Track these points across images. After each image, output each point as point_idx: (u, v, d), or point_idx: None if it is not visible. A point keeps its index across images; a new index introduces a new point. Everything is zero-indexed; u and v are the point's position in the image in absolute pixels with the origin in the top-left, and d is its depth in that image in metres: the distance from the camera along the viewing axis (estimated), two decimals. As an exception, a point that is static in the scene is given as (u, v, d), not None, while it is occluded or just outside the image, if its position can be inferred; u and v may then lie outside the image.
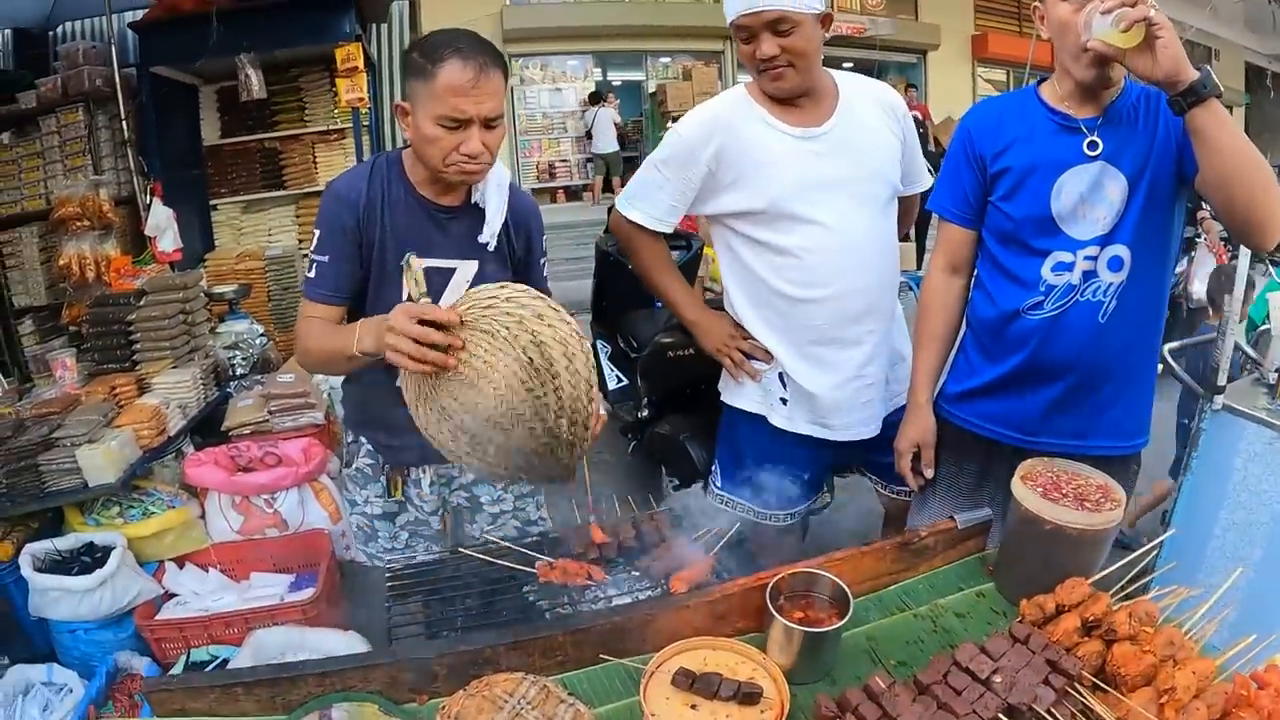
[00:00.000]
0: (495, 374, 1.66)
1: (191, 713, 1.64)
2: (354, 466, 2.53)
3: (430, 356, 1.67)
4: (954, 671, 1.55)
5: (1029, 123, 2.17)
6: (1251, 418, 2.80)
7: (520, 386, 1.66)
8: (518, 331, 1.67)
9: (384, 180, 2.15)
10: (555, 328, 1.70)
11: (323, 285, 2.13)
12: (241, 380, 4.73)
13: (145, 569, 3.62)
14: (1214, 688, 1.49)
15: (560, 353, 1.69)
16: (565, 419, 1.72)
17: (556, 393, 1.69)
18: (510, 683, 1.59)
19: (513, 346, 1.66)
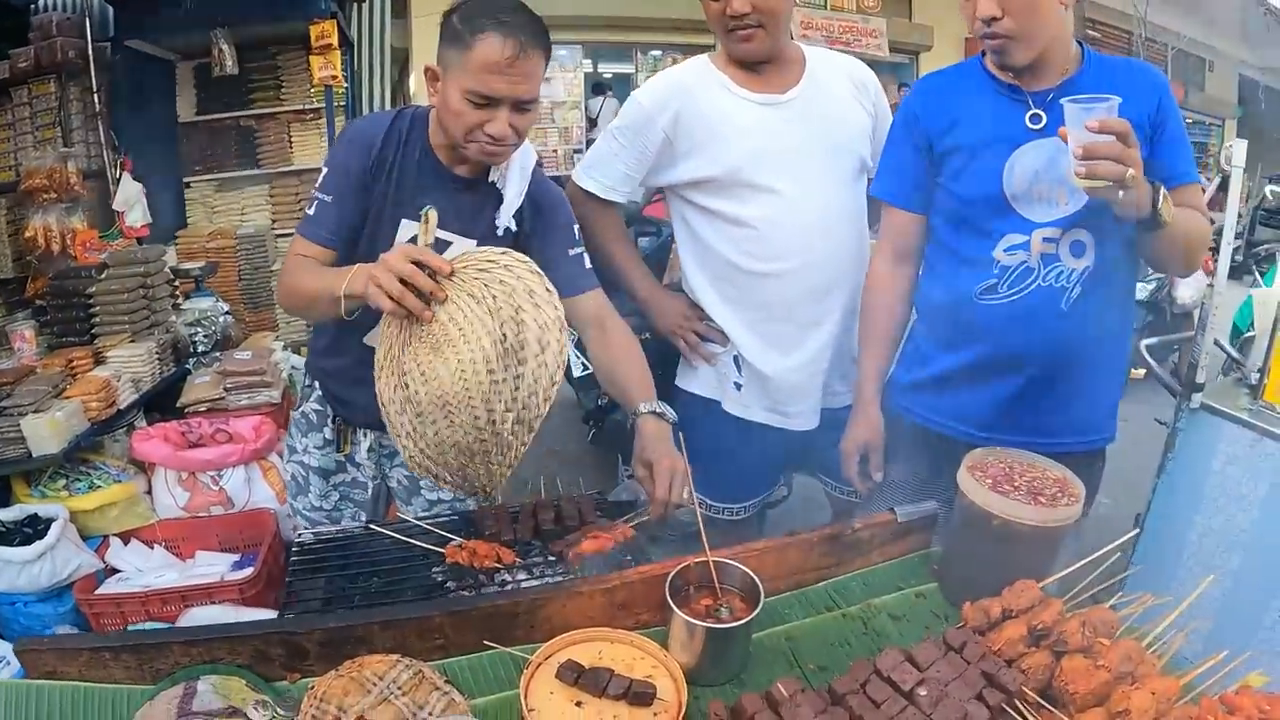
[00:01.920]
0: (464, 344, 1.60)
1: (62, 675, 1.57)
2: (301, 410, 2.46)
3: (409, 300, 1.61)
4: (874, 681, 1.42)
5: (975, 97, 2.07)
6: (1232, 418, 2.68)
7: (483, 365, 1.59)
8: (503, 303, 1.61)
9: (403, 133, 2.05)
10: (541, 309, 1.63)
11: (319, 225, 2.02)
12: (201, 357, 4.72)
13: (90, 543, 3.59)
14: (1177, 710, 1.35)
15: (535, 338, 1.62)
16: (514, 414, 1.66)
17: (516, 381, 1.63)
18: (383, 665, 1.48)
19: (492, 318, 1.60)
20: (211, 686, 1.49)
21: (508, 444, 1.69)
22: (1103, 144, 1.67)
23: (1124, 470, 3.04)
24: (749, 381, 2.46)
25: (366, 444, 2.41)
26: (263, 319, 6.07)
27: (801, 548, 1.82)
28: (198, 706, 1.45)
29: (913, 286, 2.33)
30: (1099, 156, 1.67)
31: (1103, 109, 1.69)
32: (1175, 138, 1.97)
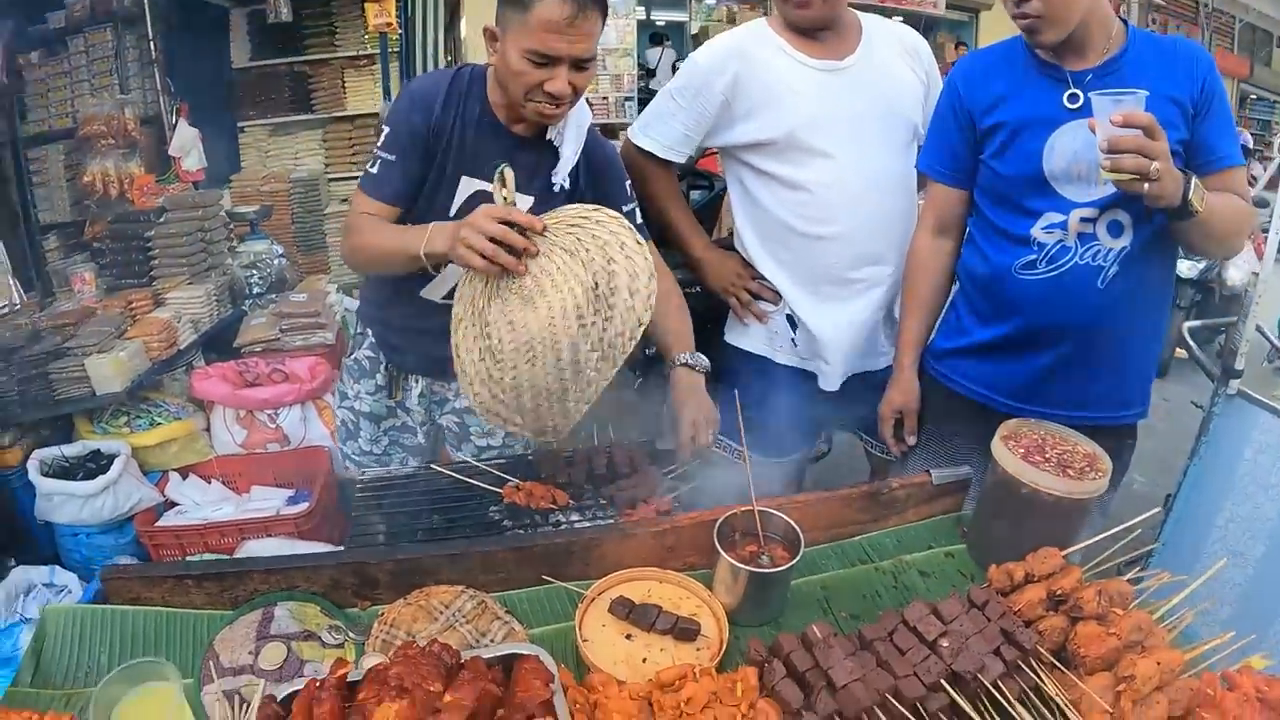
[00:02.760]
0: (556, 293, 1.65)
1: (145, 601, 1.67)
2: (353, 357, 2.54)
3: (502, 258, 1.67)
4: (900, 630, 1.50)
5: (1017, 75, 2.09)
6: (1267, 407, 2.69)
7: (573, 311, 1.65)
8: (596, 254, 1.66)
9: (463, 93, 2.10)
10: (633, 260, 1.68)
11: (384, 184, 2.09)
12: (257, 299, 4.81)
13: (150, 478, 3.72)
14: (1179, 683, 1.40)
15: (626, 285, 1.67)
16: (598, 353, 1.71)
17: (605, 324, 1.68)
18: (448, 595, 1.59)
19: (585, 269, 1.65)
20: (288, 612, 1.61)
21: (589, 380, 1.74)
22: (1127, 138, 1.70)
23: (1161, 450, 3.07)
24: (801, 339, 2.53)
25: (418, 390, 2.49)
26: (316, 262, 6.19)
27: (840, 502, 1.91)
28: (275, 630, 1.57)
29: (954, 258, 2.37)
30: (1124, 150, 1.71)
31: (1130, 102, 1.72)
32: (1219, 119, 1.98)
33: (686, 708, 1.30)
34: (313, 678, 1.30)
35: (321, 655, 1.53)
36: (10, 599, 3.23)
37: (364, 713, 1.18)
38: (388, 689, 1.19)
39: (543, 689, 1.23)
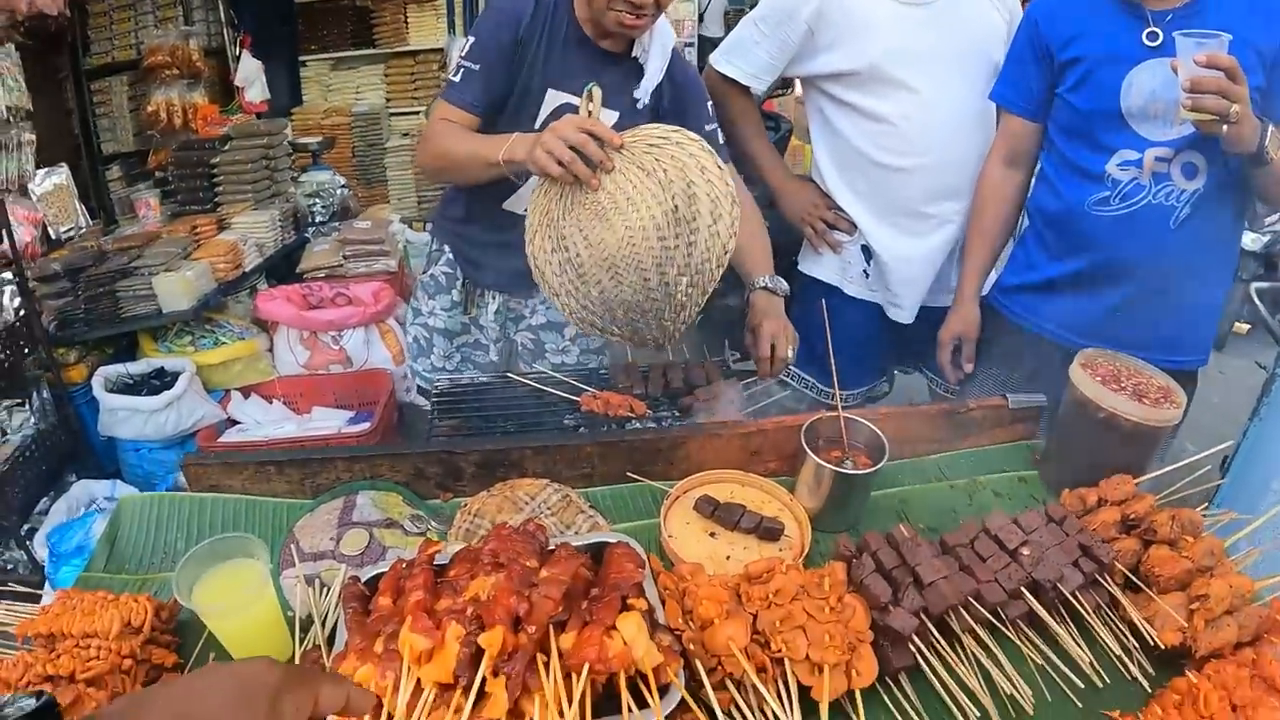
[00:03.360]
0: (634, 212, 1.64)
1: (224, 489, 1.72)
2: (429, 273, 2.56)
3: (578, 168, 1.67)
4: (982, 537, 1.51)
5: (1097, 11, 2.05)
6: None
7: (654, 232, 1.64)
8: (674, 176, 1.65)
9: (549, 7, 2.10)
10: (713, 184, 1.67)
11: (466, 92, 2.09)
12: (320, 227, 4.86)
13: (213, 396, 3.81)
14: (1248, 610, 1.41)
15: (708, 210, 1.66)
16: (686, 278, 1.71)
17: (689, 248, 1.67)
18: (533, 487, 1.61)
19: (664, 190, 1.64)
20: (370, 500, 1.64)
21: (681, 304, 1.75)
22: (1209, 78, 1.69)
23: (1215, 423, 3.02)
24: (874, 271, 2.52)
25: (494, 306, 2.51)
26: (376, 194, 6.23)
27: (920, 418, 1.91)
28: (357, 518, 1.60)
29: (1023, 191, 2.36)
30: (1205, 90, 1.70)
31: (1213, 44, 1.70)
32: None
33: (775, 599, 1.32)
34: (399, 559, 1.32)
35: (404, 543, 1.56)
36: (73, 510, 3.34)
37: (455, 588, 1.20)
38: (481, 565, 1.21)
39: (635, 571, 1.25)
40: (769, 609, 1.30)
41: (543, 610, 1.11)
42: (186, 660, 1.40)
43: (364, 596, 1.30)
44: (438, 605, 1.16)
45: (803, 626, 1.27)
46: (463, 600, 1.15)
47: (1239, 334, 6.81)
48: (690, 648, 1.23)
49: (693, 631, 1.26)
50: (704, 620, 1.25)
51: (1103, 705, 1.34)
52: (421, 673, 1.07)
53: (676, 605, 1.30)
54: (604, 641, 1.09)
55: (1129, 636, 1.44)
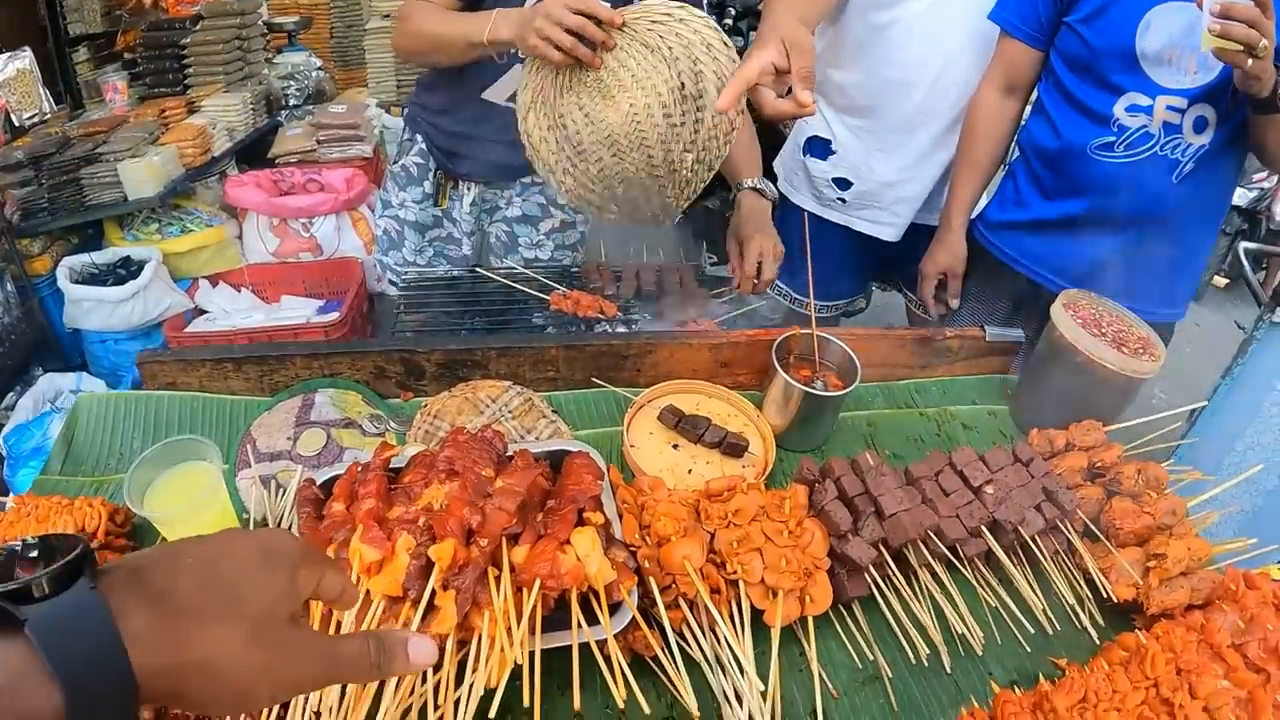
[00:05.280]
0: (638, 90, 1.57)
1: (181, 386, 1.67)
2: (400, 164, 2.48)
3: (580, 51, 1.58)
4: (947, 471, 1.49)
5: None
6: None
7: (659, 110, 1.57)
8: (680, 54, 1.57)
9: None
10: (719, 62, 1.59)
11: None
12: (293, 110, 4.77)
13: (180, 285, 3.76)
14: (1203, 573, 1.41)
15: (715, 88, 1.58)
16: (693, 154, 1.64)
17: (696, 125, 1.61)
18: (495, 389, 1.57)
19: (669, 68, 1.56)
20: (329, 399, 1.59)
21: (686, 180, 1.69)
22: (1242, 6, 1.61)
23: (1186, 370, 3.04)
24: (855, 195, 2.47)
25: (469, 197, 2.43)
26: (354, 77, 6.04)
27: (894, 342, 1.88)
28: (315, 417, 1.56)
29: (1017, 122, 2.28)
30: (1236, 18, 1.62)
31: None
32: None
33: (734, 518, 1.30)
34: (355, 461, 1.29)
35: (361, 443, 1.52)
36: (38, 405, 3.30)
37: (410, 494, 1.17)
38: (436, 472, 1.18)
39: (593, 484, 1.22)
40: (727, 529, 1.28)
41: (496, 523, 1.09)
42: (141, 564, 1.37)
43: (318, 500, 1.27)
44: (390, 514, 1.14)
45: (760, 549, 1.26)
46: (415, 509, 1.13)
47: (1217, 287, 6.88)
48: (645, 565, 1.21)
49: (649, 548, 1.24)
50: (661, 537, 1.23)
51: (1050, 651, 1.36)
52: (370, 584, 1.05)
53: (634, 520, 1.28)
54: (557, 557, 1.07)
55: (1083, 586, 1.44)
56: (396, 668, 0.74)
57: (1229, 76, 1.82)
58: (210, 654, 0.61)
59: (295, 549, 0.71)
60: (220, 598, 0.64)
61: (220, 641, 0.62)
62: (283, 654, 0.66)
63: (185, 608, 0.61)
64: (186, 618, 0.61)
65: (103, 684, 0.55)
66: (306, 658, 0.68)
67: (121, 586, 0.59)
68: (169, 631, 0.60)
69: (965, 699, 1.27)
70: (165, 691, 0.60)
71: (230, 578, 0.65)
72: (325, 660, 0.69)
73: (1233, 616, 1.30)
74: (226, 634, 0.62)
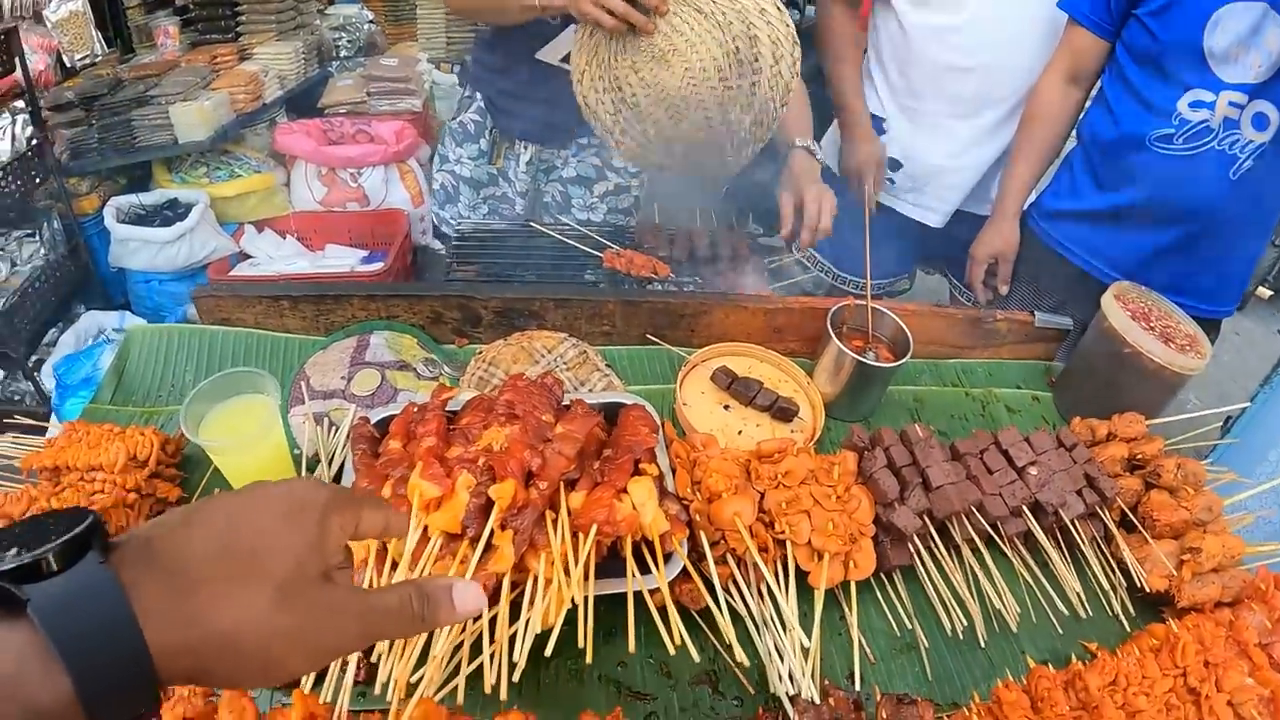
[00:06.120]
0: (693, 54, 1.58)
1: (236, 323, 1.69)
2: (458, 120, 2.50)
3: (634, 16, 1.59)
4: (992, 450, 1.51)
5: None
6: None
7: (715, 73, 1.58)
8: (733, 18, 1.58)
9: None
10: (774, 26, 1.60)
11: None
12: (345, 62, 4.76)
13: (226, 229, 3.77)
14: (1233, 571, 1.42)
15: (769, 51, 1.60)
16: (750, 117, 1.65)
17: (752, 88, 1.62)
18: (551, 340, 1.59)
19: (722, 32, 1.57)
20: (384, 341, 1.61)
21: (744, 141, 1.70)
22: None
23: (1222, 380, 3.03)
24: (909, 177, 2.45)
25: (526, 157, 2.44)
26: (404, 32, 5.96)
27: (946, 320, 1.89)
28: (370, 358, 1.58)
29: (1078, 111, 2.26)
30: None
31: None
32: None
33: (784, 479, 1.32)
34: (411, 402, 1.31)
35: (416, 386, 1.54)
36: (80, 341, 3.35)
37: (468, 436, 1.19)
38: (496, 415, 1.20)
39: (649, 436, 1.24)
40: (777, 489, 1.30)
41: (555, 467, 1.11)
42: (191, 494, 1.40)
43: (373, 438, 1.29)
44: (449, 453, 1.15)
45: (808, 511, 1.28)
46: (475, 450, 1.14)
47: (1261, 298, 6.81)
48: (696, 519, 1.23)
49: (700, 503, 1.26)
50: (712, 493, 1.25)
51: (1081, 635, 1.37)
52: (429, 520, 1.07)
53: (686, 475, 1.30)
54: (614, 504, 1.09)
55: (1117, 574, 1.46)
56: (442, 617, 0.70)
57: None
58: (233, 625, 0.57)
59: (321, 497, 0.67)
60: (240, 561, 0.59)
61: (243, 609, 0.58)
62: (314, 617, 0.61)
63: (203, 576, 0.57)
64: (205, 587, 0.56)
65: (116, 667, 0.51)
66: (341, 618, 0.63)
67: (134, 559, 0.55)
68: (186, 604, 0.55)
69: (999, 672, 1.29)
70: (187, 671, 0.56)
71: (251, 538, 0.61)
72: (362, 618, 0.65)
73: (1261, 616, 1.32)
74: (249, 600, 0.58)
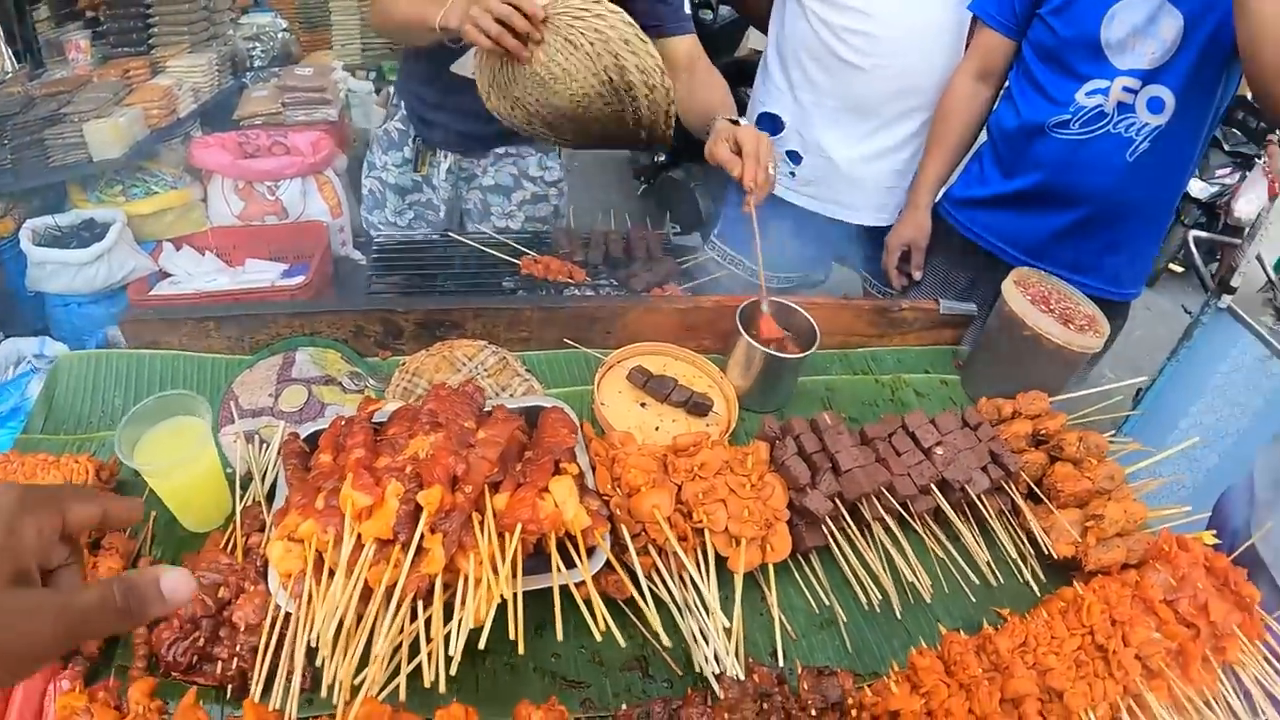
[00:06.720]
0: (573, 83, 1.66)
1: (163, 345, 1.69)
2: (384, 128, 2.54)
3: (507, 41, 1.66)
4: (900, 433, 1.58)
5: None
6: (1251, 328, 2.75)
7: (598, 99, 1.67)
8: (600, 50, 1.65)
9: None
10: (640, 57, 1.67)
11: None
12: (259, 72, 4.70)
13: (144, 248, 3.70)
14: (1139, 535, 1.51)
15: (640, 80, 1.67)
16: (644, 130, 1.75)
17: (635, 107, 1.71)
18: (472, 348, 1.63)
19: (593, 63, 1.65)
20: (309, 357, 1.64)
21: (653, 122, 1.78)
22: None
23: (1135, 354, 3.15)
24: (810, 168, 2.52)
25: (446, 165, 2.49)
26: (319, 39, 5.89)
27: (853, 312, 1.97)
28: (296, 374, 1.60)
29: (988, 106, 2.35)
30: None
31: None
32: None
33: (700, 471, 1.37)
34: (338, 416, 1.34)
35: (342, 399, 1.57)
36: (1, 369, 3.25)
37: (395, 445, 1.22)
38: (420, 424, 1.24)
39: (568, 436, 1.29)
40: (693, 481, 1.36)
41: (479, 470, 1.15)
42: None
43: (303, 453, 1.32)
44: (377, 463, 1.19)
45: (724, 500, 1.33)
46: (402, 458, 1.18)
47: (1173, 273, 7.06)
48: (617, 513, 1.28)
49: (620, 498, 1.31)
50: (631, 487, 1.30)
51: (994, 602, 1.45)
52: (362, 529, 1.09)
53: (606, 472, 1.35)
54: (536, 503, 1.13)
55: (1026, 543, 1.54)
56: (153, 610, 0.67)
57: (1196, 51, 1.90)
58: None
59: (10, 499, 0.63)
60: None
61: None
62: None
63: None
64: None
65: None
66: (33, 622, 0.60)
67: None
68: None
69: (916, 642, 1.36)
70: None
71: None
72: (59, 618, 0.61)
73: (1165, 575, 1.40)
74: None
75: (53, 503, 0.66)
